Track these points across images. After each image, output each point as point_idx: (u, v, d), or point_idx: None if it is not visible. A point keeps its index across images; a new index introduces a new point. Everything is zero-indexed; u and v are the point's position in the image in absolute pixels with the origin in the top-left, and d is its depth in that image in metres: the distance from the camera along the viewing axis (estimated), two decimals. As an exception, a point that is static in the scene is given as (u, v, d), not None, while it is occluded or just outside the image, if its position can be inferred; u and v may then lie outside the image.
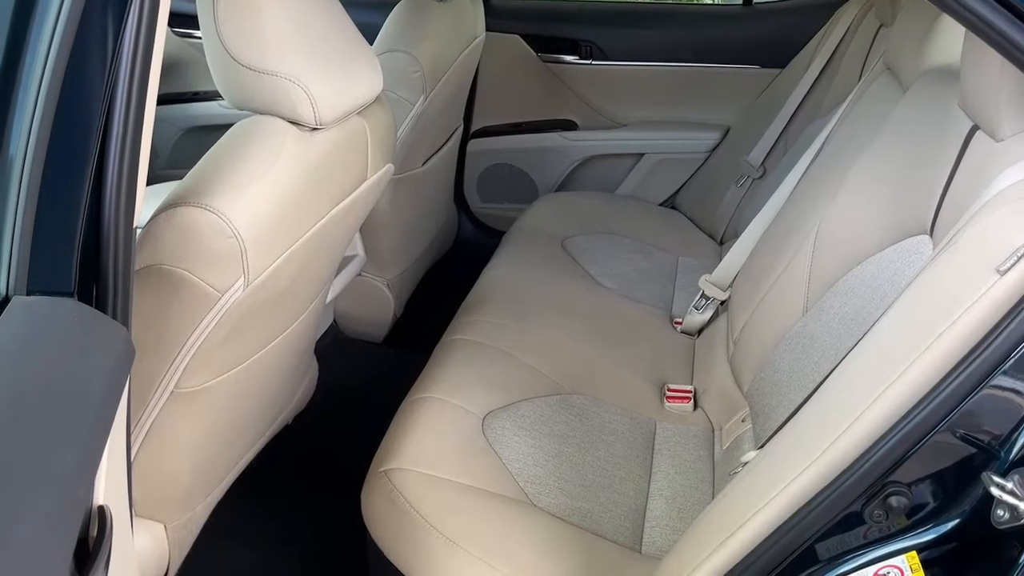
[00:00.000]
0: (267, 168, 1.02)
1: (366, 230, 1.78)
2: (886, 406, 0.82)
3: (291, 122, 1.05)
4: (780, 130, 1.99)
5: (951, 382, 0.78)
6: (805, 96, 1.95)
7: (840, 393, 0.93)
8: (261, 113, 1.06)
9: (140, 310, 0.91)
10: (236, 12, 1.00)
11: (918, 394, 0.80)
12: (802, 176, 1.61)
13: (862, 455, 0.82)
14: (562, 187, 2.35)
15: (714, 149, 2.22)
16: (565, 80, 2.27)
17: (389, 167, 1.32)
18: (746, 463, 1.13)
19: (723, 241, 2.11)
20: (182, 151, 2.49)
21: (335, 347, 1.92)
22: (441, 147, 1.95)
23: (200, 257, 0.94)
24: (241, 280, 0.98)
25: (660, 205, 2.31)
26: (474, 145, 2.33)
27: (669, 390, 1.52)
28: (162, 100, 2.53)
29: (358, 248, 1.79)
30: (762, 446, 1.18)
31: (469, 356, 1.48)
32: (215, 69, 1.04)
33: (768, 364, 1.36)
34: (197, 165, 1.01)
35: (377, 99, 1.24)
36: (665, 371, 1.59)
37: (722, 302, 1.71)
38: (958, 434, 0.79)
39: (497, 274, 1.79)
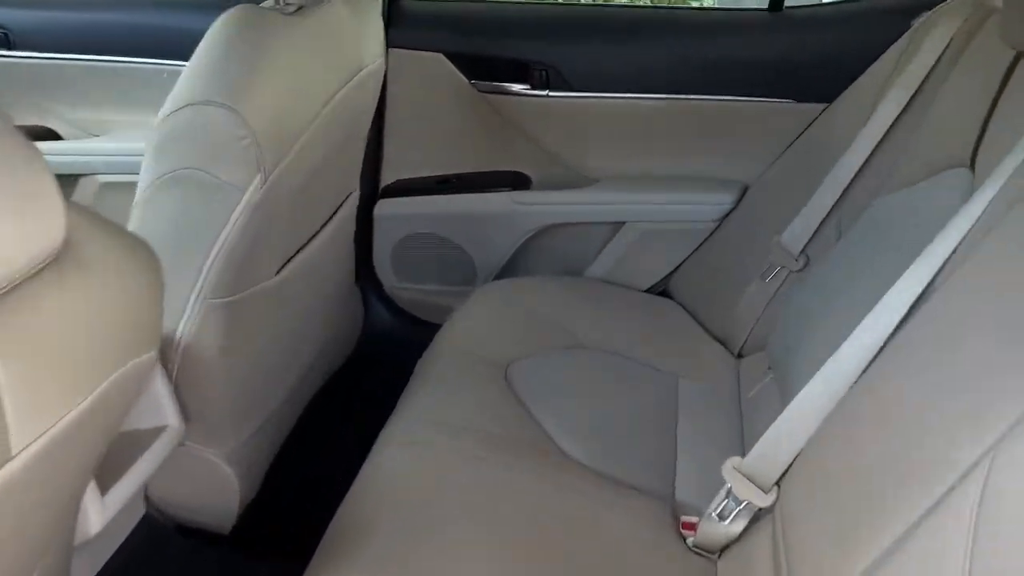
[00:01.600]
0: None
1: (185, 384, 1.10)
2: None
3: None
4: (831, 202, 1.32)
5: None
6: (872, 152, 1.28)
7: None
8: None
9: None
10: None
11: None
12: (912, 314, 0.94)
13: None
14: (510, 268, 1.66)
15: (725, 217, 1.55)
16: (512, 118, 1.58)
17: None
18: None
19: (743, 354, 1.45)
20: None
21: (150, 549, 1.24)
22: (315, 235, 1.27)
23: None
24: None
25: (646, 292, 1.64)
26: (385, 207, 1.64)
27: None
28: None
29: (167, 413, 1.10)
30: None
31: None
32: None
33: None
34: None
35: (64, 258, 0.56)
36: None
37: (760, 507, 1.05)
38: None
39: (393, 456, 1.11)
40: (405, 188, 1.64)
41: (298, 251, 1.22)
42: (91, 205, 1.75)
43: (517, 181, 1.61)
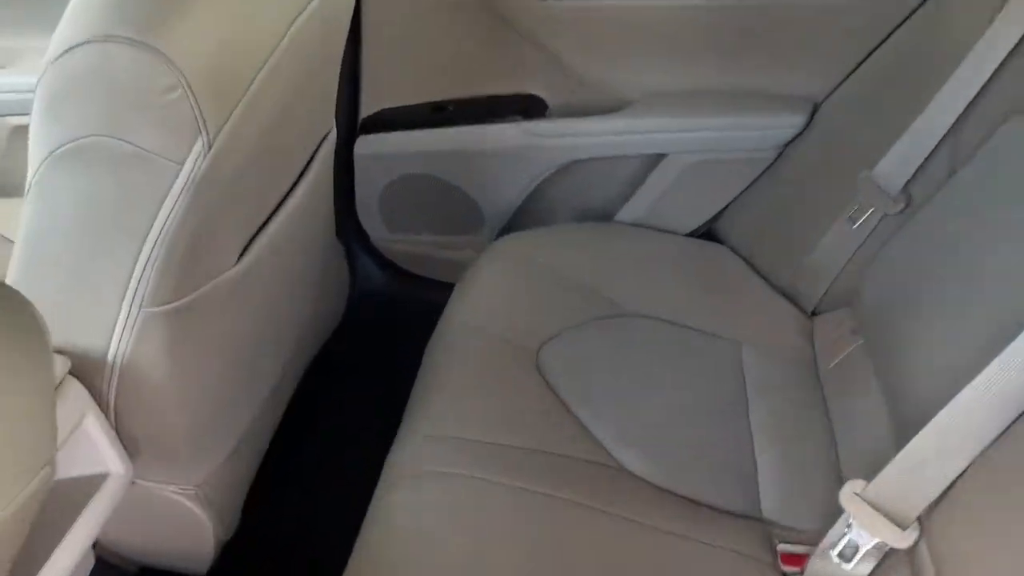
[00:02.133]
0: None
1: (129, 413, 0.83)
2: None
3: None
4: (944, 126, 1.04)
5: None
6: (1005, 59, 0.99)
7: None
8: None
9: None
10: None
11: None
12: None
13: None
14: (524, 213, 1.37)
15: (791, 143, 1.27)
16: (522, 27, 1.26)
17: None
18: None
19: (817, 311, 1.19)
20: None
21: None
22: (285, 199, 0.97)
23: None
24: None
25: (688, 236, 1.36)
26: (367, 144, 1.34)
27: None
28: None
29: (107, 458, 0.83)
30: None
31: None
32: None
33: None
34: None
35: None
36: None
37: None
38: None
39: (407, 495, 0.85)
40: (391, 120, 1.33)
41: (264, 224, 0.92)
42: (4, 152, 1.44)
43: (530, 107, 1.30)
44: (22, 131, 1.41)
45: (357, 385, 1.40)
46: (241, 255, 0.87)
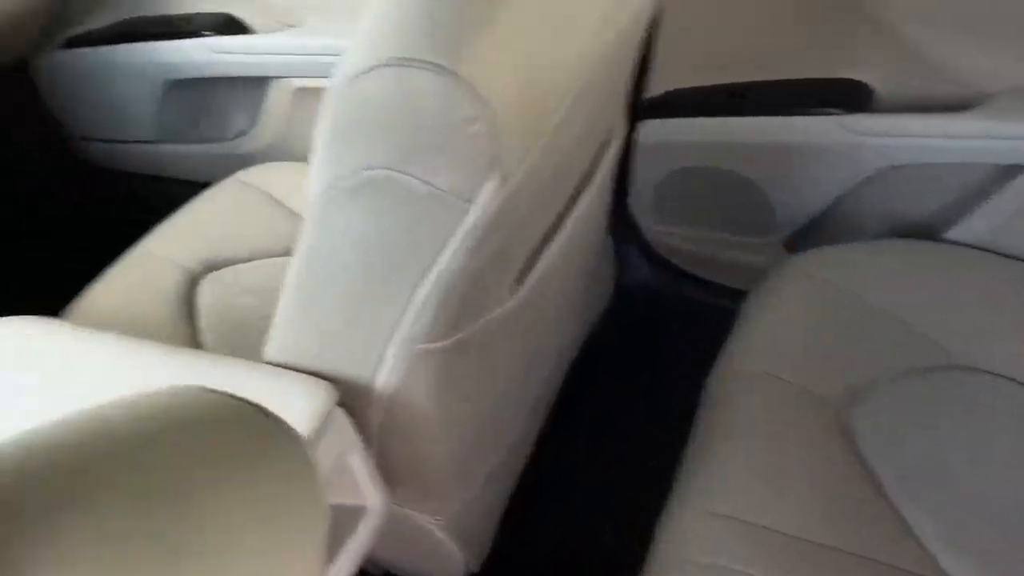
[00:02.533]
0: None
1: (391, 444, 0.77)
2: None
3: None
4: None
5: None
6: None
7: None
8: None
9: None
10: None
11: None
12: None
13: None
14: (826, 220, 1.17)
15: None
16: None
17: None
18: None
19: None
20: (171, 114, 1.55)
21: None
22: (563, 217, 0.85)
23: None
24: None
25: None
26: (650, 131, 1.19)
27: None
28: (124, 36, 1.42)
29: (368, 493, 0.78)
30: None
31: None
32: None
33: None
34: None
35: None
36: None
37: None
38: None
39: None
40: (679, 104, 1.16)
41: (543, 245, 0.82)
42: (287, 114, 1.44)
43: (852, 96, 1.08)
44: (303, 94, 1.40)
45: (618, 377, 1.29)
46: (519, 284, 0.77)
